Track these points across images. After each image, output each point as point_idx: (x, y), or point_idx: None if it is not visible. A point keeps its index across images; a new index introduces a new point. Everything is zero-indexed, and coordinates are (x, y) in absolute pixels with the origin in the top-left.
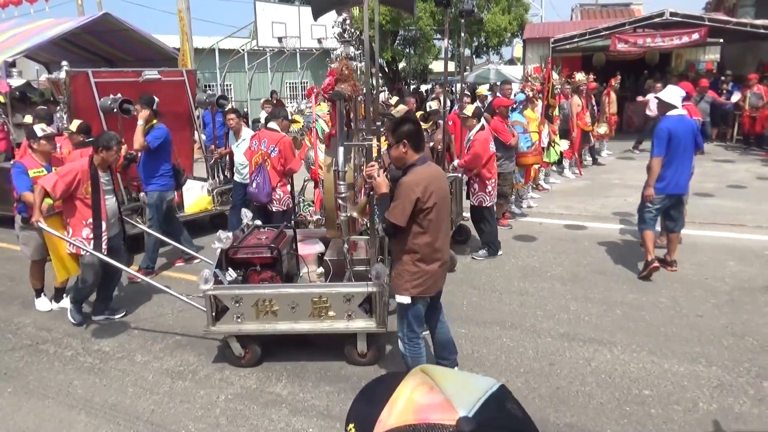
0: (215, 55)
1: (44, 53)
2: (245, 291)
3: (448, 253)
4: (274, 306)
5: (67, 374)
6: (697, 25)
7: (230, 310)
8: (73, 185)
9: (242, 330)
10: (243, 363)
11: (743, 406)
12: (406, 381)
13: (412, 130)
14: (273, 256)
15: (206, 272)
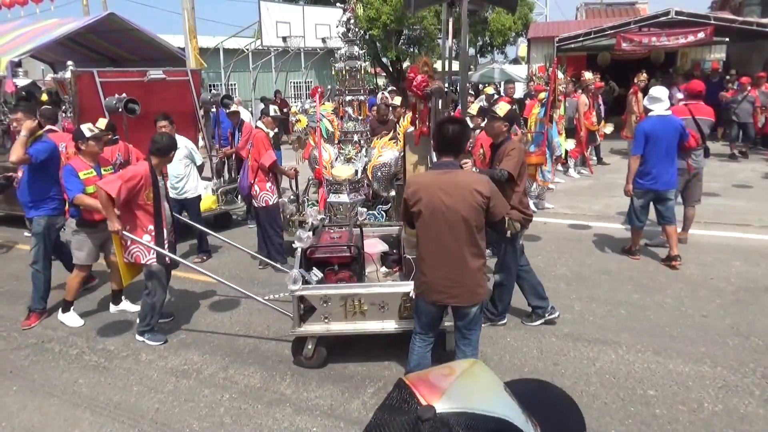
0: (220, 54)
1: (50, 53)
2: (335, 291)
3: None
4: (363, 306)
5: (72, 373)
6: (702, 24)
7: (317, 311)
8: (136, 190)
9: (330, 330)
10: (308, 364)
11: (749, 406)
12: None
13: (435, 132)
14: (352, 255)
15: (295, 272)
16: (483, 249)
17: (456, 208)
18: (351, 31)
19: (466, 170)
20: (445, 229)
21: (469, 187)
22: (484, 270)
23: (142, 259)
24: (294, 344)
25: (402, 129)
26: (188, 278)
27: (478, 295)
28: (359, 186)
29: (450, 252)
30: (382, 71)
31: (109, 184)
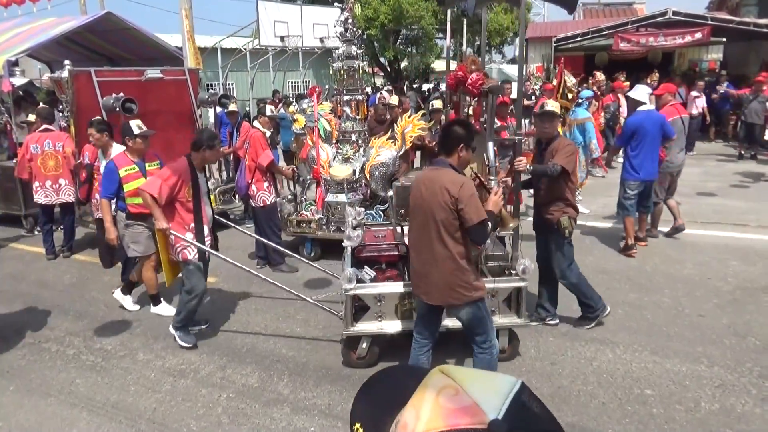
0: (218, 54)
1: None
2: (390, 289)
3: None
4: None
5: (69, 372)
6: (699, 25)
7: (371, 309)
8: (176, 188)
9: (383, 329)
10: (359, 364)
11: (745, 406)
12: (426, 384)
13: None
14: (399, 254)
15: (349, 271)
16: (456, 250)
17: (430, 205)
18: (349, 30)
19: (448, 170)
20: (420, 224)
21: (441, 185)
22: (459, 272)
23: (188, 255)
24: (345, 344)
25: (400, 129)
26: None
27: (451, 297)
28: (357, 186)
29: (421, 247)
30: (380, 71)
31: (150, 185)
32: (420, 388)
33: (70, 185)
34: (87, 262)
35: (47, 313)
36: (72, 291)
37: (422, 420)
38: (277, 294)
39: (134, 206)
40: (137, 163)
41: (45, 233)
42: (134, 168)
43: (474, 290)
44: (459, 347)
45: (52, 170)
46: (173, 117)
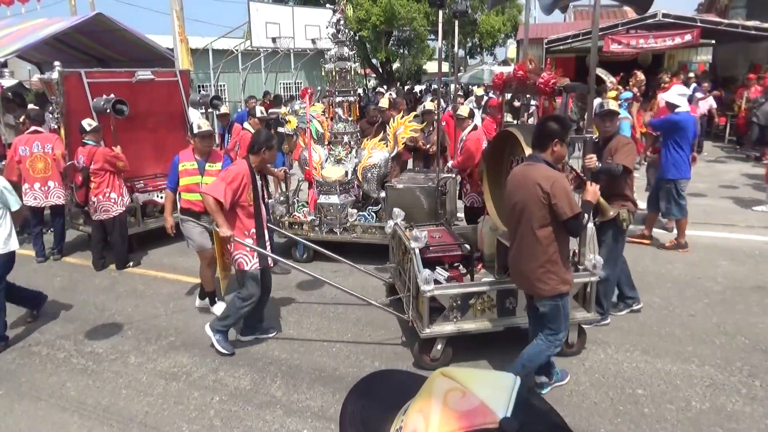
0: (209, 55)
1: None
2: (467, 289)
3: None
4: (492, 303)
5: (59, 376)
6: (689, 27)
7: (447, 310)
8: (239, 192)
9: (462, 329)
10: (432, 366)
11: (735, 404)
12: (430, 387)
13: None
14: (463, 254)
15: (426, 273)
16: (548, 243)
17: (523, 199)
18: (341, 32)
19: (541, 165)
20: (515, 216)
21: (534, 181)
22: (550, 264)
23: (245, 266)
24: (420, 346)
25: (392, 130)
26: (177, 280)
27: (537, 289)
28: (349, 187)
29: (516, 239)
30: (372, 72)
31: (214, 188)
32: (423, 393)
33: (60, 188)
34: (77, 265)
35: (37, 318)
36: (62, 294)
37: (433, 425)
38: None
39: (185, 201)
40: (198, 161)
41: (34, 236)
42: (193, 165)
43: (563, 283)
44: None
45: (41, 172)
46: (164, 118)
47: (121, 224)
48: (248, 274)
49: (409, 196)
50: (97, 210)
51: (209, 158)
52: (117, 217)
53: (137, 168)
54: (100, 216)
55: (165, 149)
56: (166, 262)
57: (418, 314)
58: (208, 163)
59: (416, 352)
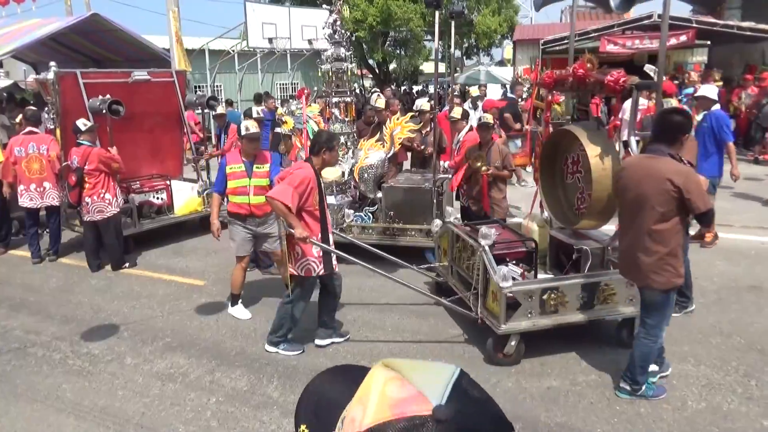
0: (205, 55)
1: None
2: (542, 285)
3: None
4: (565, 298)
5: (55, 377)
6: (685, 27)
7: (522, 307)
8: (305, 196)
9: (536, 325)
10: (505, 362)
11: (731, 404)
12: (372, 377)
13: (658, 120)
14: (527, 250)
15: (505, 270)
16: (666, 238)
17: (646, 192)
18: (337, 32)
19: (668, 159)
20: (633, 209)
21: (663, 175)
22: (670, 257)
23: (313, 272)
24: (494, 342)
25: (388, 130)
26: (173, 281)
27: (651, 281)
28: (346, 188)
29: (632, 231)
30: (368, 73)
31: (281, 193)
32: (365, 383)
33: (55, 189)
34: (73, 266)
35: (33, 317)
36: (58, 295)
37: (369, 412)
38: (265, 298)
39: (232, 204)
40: (245, 163)
41: (30, 237)
42: (241, 167)
43: (677, 276)
44: (452, 347)
45: (36, 173)
46: (161, 119)
47: (116, 225)
48: (311, 280)
49: (406, 196)
50: (91, 211)
51: (256, 160)
52: (111, 218)
53: (133, 169)
54: (93, 217)
55: (161, 150)
56: (163, 263)
57: (488, 311)
58: (256, 165)
59: (489, 349)
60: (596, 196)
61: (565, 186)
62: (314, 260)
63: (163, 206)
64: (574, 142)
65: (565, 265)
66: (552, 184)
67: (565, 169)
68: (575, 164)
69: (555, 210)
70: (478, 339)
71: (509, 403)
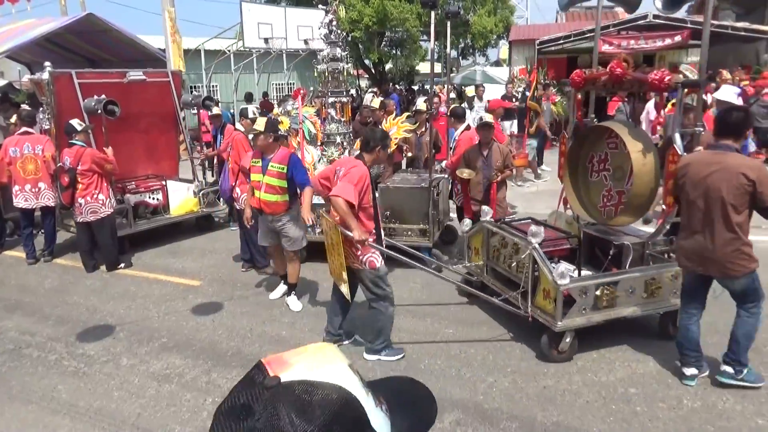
0: (201, 56)
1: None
2: (597, 281)
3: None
4: (616, 293)
5: (50, 379)
6: (679, 28)
7: (577, 303)
8: (362, 193)
9: (591, 321)
10: (559, 359)
11: (726, 402)
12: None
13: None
14: (571, 247)
15: (563, 267)
16: (740, 230)
17: (717, 186)
18: (333, 32)
19: (735, 154)
20: (702, 203)
21: (736, 169)
22: (743, 246)
23: (377, 263)
24: (549, 339)
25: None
26: (169, 281)
27: (730, 270)
28: None
29: (699, 225)
30: (364, 73)
31: (343, 191)
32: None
33: (50, 189)
34: (68, 267)
35: (28, 318)
36: (53, 296)
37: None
38: (261, 298)
39: (252, 198)
40: (263, 159)
41: (25, 237)
42: (258, 162)
43: (753, 261)
44: (448, 347)
45: (31, 174)
46: (156, 119)
47: (110, 226)
48: (380, 271)
49: (402, 196)
50: (84, 212)
51: (273, 157)
52: (105, 219)
53: (128, 169)
54: (87, 218)
55: (156, 150)
56: (158, 263)
57: (539, 309)
58: (272, 163)
59: (544, 346)
60: (636, 191)
61: (588, 184)
62: (374, 253)
63: (159, 206)
64: (600, 141)
65: (601, 261)
66: (574, 182)
67: (590, 167)
68: (602, 162)
69: (580, 207)
70: (474, 339)
71: (506, 403)
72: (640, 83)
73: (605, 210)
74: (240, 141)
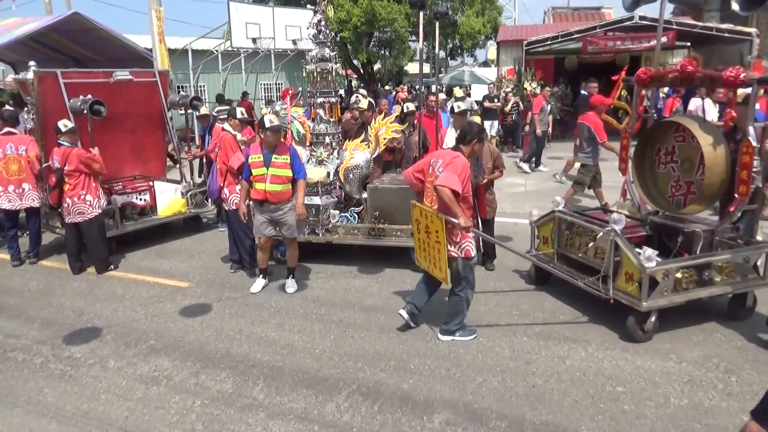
0: (188, 55)
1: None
2: (679, 264)
3: None
4: (693, 276)
5: (36, 382)
6: (665, 29)
7: (660, 285)
8: (465, 183)
9: (672, 302)
10: (643, 338)
11: (713, 400)
12: None
13: None
14: (647, 234)
15: (649, 251)
16: None
17: None
18: (322, 32)
19: None
20: None
21: None
22: None
23: (472, 253)
24: (635, 320)
25: (374, 131)
26: (157, 283)
27: None
28: (331, 188)
29: None
30: (353, 73)
31: (450, 181)
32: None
33: (34, 190)
34: (54, 268)
35: (13, 321)
36: (39, 298)
37: None
38: (250, 299)
39: (253, 191)
40: (264, 153)
41: (9, 239)
42: (259, 157)
43: None
44: (437, 347)
45: (15, 174)
46: (143, 119)
47: (98, 227)
48: (471, 261)
49: (391, 196)
50: (71, 212)
51: (275, 150)
52: (93, 220)
53: (115, 170)
54: (74, 218)
55: (144, 151)
56: (146, 264)
57: (621, 292)
58: (275, 156)
59: (631, 326)
60: (709, 182)
61: (656, 175)
62: (471, 241)
63: (146, 207)
64: (667, 134)
65: (669, 247)
66: (641, 174)
67: (657, 159)
68: (669, 154)
69: (650, 198)
70: (463, 341)
71: (495, 402)
72: (712, 80)
73: (674, 199)
74: (228, 141)
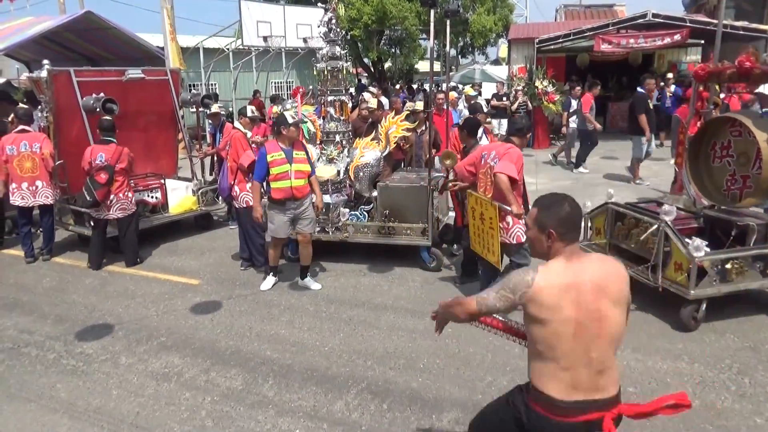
0: (200, 54)
1: (25, 51)
2: (728, 255)
3: None
4: (744, 267)
5: (49, 377)
6: (678, 27)
7: (709, 274)
8: (519, 171)
9: (720, 291)
10: (693, 327)
11: (725, 402)
12: None
13: None
14: (699, 226)
15: (699, 242)
16: None
17: None
18: (332, 31)
19: None
20: None
21: None
22: None
23: (522, 238)
24: (690, 310)
25: (384, 129)
26: (168, 280)
27: None
28: (341, 186)
29: None
30: (363, 71)
31: (507, 168)
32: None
33: (48, 187)
34: (67, 265)
35: (26, 317)
36: (52, 294)
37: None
38: (260, 297)
39: (274, 190)
40: (285, 150)
41: (23, 236)
42: (281, 154)
43: None
44: (446, 346)
45: (29, 172)
46: (155, 117)
47: (136, 222)
48: (524, 246)
49: (401, 195)
50: (113, 208)
51: (294, 147)
52: (132, 215)
53: None
54: (116, 214)
55: (155, 149)
56: (157, 262)
57: (670, 281)
58: (295, 152)
59: (685, 314)
60: (766, 176)
61: (711, 169)
62: (521, 227)
63: (158, 205)
64: (722, 129)
65: (723, 240)
66: (695, 168)
67: (713, 153)
68: (724, 149)
69: (704, 192)
70: (473, 339)
71: None
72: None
73: (729, 193)
74: (238, 139)
